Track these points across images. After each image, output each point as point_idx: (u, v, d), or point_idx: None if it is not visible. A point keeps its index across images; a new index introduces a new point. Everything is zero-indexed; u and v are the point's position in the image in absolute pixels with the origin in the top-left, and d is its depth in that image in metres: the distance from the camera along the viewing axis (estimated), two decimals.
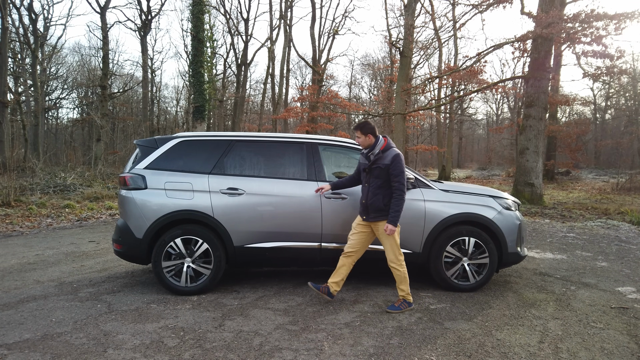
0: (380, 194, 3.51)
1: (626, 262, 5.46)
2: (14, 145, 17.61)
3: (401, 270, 3.57)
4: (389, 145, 3.58)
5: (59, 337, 2.99)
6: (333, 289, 3.67)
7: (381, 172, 3.51)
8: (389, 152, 3.52)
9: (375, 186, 3.54)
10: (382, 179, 3.51)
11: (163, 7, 37.20)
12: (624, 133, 28.75)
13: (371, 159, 3.56)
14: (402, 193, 3.45)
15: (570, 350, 2.91)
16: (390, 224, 3.46)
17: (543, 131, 11.81)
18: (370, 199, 3.55)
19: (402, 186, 3.45)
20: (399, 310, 3.55)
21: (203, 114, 15.88)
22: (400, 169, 3.47)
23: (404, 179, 3.47)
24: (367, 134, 3.58)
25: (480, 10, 12.84)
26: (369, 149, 3.59)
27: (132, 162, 4.14)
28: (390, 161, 3.47)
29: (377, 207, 3.53)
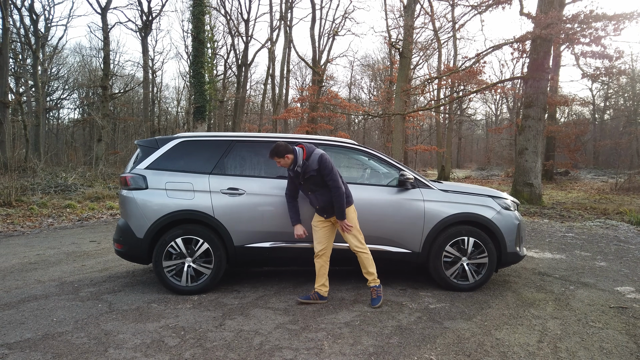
0: (326, 194, 3.59)
1: (625, 262, 5.48)
2: (15, 146, 17.63)
3: (367, 253, 3.68)
4: (309, 152, 3.59)
5: (60, 336, 3.01)
6: (323, 292, 3.74)
7: (316, 178, 3.56)
8: (312, 157, 3.55)
9: (317, 190, 3.62)
10: (320, 182, 3.57)
11: (164, 8, 37.20)
12: (623, 133, 28.79)
13: (299, 171, 3.60)
14: (339, 189, 3.52)
15: (569, 349, 2.92)
16: (339, 219, 3.58)
17: (542, 131, 11.83)
18: (321, 202, 3.64)
19: (336, 183, 3.51)
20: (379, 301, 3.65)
21: (204, 114, 15.91)
22: (328, 167, 3.50)
23: (335, 175, 3.52)
24: (284, 155, 3.55)
25: (479, 11, 12.87)
26: (293, 165, 3.60)
27: (133, 162, 4.16)
28: (317, 165, 3.51)
29: (328, 205, 3.63)
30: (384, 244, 4.06)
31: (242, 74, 27.38)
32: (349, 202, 3.66)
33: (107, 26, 19.63)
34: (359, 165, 4.78)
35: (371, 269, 3.69)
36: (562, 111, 30.76)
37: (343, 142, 4.40)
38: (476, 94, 17.07)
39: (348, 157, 4.63)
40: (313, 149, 3.61)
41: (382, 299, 3.70)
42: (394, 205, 4.08)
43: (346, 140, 4.44)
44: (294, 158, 3.58)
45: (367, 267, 3.69)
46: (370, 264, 3.69)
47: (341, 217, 3.57)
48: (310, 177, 3.56)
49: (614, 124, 32.91)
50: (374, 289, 3.71)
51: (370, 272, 3.70)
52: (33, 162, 14.53)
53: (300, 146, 3.64)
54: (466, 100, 28.32)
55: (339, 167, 4.90)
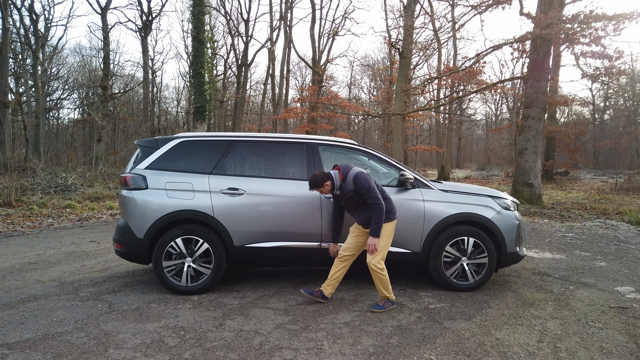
0: (368, 211, 3.57)
1: (625, 262, 5.48)
2: (15, 146, 17.63)
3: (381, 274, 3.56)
4: (344, 172, 3.60)
5: (60, 336, 3.01)
6: (327, 292, 3.72)
7: (355, 198, 3.56)
8: (348, 177, 3.55)
9: (358, 207, 3.62)
10: (360, 201, 3.57)
11: (164, 8, 37.11)
12: (623, 133, 28.80)
13: (338, 195, 3.63)
14: (379, 206, 3.47)
15: (569, 349, 2.92)
16: (372, 235, 3.50)
17: (542, 131, 11.83)
18: (363, 219, 3.64)
19: (376, 199, 3.47)
20: (382, 309, 3.58)
21: (203, 114, 15.91)
22: (365, 185, 3.47)
23: (374, 192, 3.49)
24: (323, 184, 3.58)
25: (479, 11, 12.87)
26: (332, 189, 3.63)
27: (133, 163, 4.16)
28: (353, 185, 3.51)
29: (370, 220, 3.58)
30: None
31: (242, 74, 27.38)
32: (390, 218, 3.59)
33: (107, 26, 19.62)
34: (359, 165, 4.77)
35: (384, 289, 3.59)
36: (562, 111, 30.78)
37: (343, 142, 4.40)
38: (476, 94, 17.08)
39: (348, 157, 4.63)
40: (348, 170, 3.60)
41: (385, 310, 3.58)
42: None
43: (346, 140, 4.44)
44: (332, 183, 3.61)
45: (380, 286, 3.60)
46: (383, 284, 3.58)
47: (375, 235, 3.50)
48: (349, 197, 3.57)
49: (614, 124, 32.92)
50: (386, 300, 3.63)
51: (382, 291, 3.61)
52: (33, 162, 14.53)
53: (336, 168, 3.67)
54: (466, 100, 28.32)
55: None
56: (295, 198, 4.02)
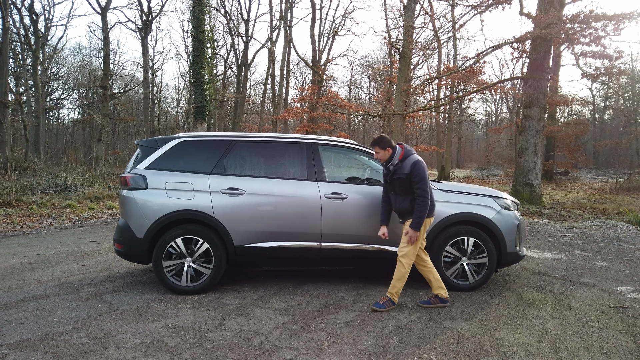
0: (407, 200, 3.57)
1: (625, 262, 5.48)
2: (15, 146, 17.62)
3: (405, 268, 3.57)
4: (406, 154, 3.60)
5: (60, 336, 3.01)
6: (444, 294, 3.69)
7: (403, 181, 3.55)
8: (408, 160, 3.55)
9: (401, 193, 3.61)
10: (406, 187, 3.56)
11: (164, 8, 37.15)
12: (623, 133, 28.80)
13: (391, 170, 3.63)
14: (425, 199, 3.47)
15: (569, 349, 2.92)
16: (413, 228, 3.48)
17: (542, 131, 11.82)
18: (399, 206, 3.64)
19: (424, 192, 3.48)
20: (382, 308, 3.56)
21: (204, 114, 15.91)
22: (420, 175, 3.48)
23: (426, 184, 3.49)
24: (385, 147, 3.62)
25: (479, 11, 12.87)
26: (388, 161, 3.64)
27: (133, 162, 4.16)
28: (410, 169, 3.51)
29: (407, 211, 3.61)
30: (384, 244, 4.06)
31: (242, 74, 27.38)
32: (430, 214, 3.61)
33: (107, 26, 19.61)
34: (359, 165, 4.78)
35: (399, 283, 3.59)
36: (562, 111, 30.77)
37: (343, 142, 4.40)
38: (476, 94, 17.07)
39: (348, 157, 4.63)
40: (411, 153, 3.62)
41: (385, 309, 3.57)
42: None
43: (346, 140, 4.44)
44: (392, 155, 3.60)
45: (397, 279, 3.59)
46: (401, 279, 3.57)
47: (416, 228, 3.48)
48: (399, 178, 3.57)
49: (614, 124, 32.91)
50: (387, 300, 3.61)
51: (395, 285, 3.59)
52: (33, 162, 14.53)
53: (401, 146, 3.67)
54: (466, 100, 28.32)
55: (338, 167, 4.92)
56: (295, 198, 4.02)
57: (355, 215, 4.05)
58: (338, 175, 4.68)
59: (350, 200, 4.05)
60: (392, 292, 3.60)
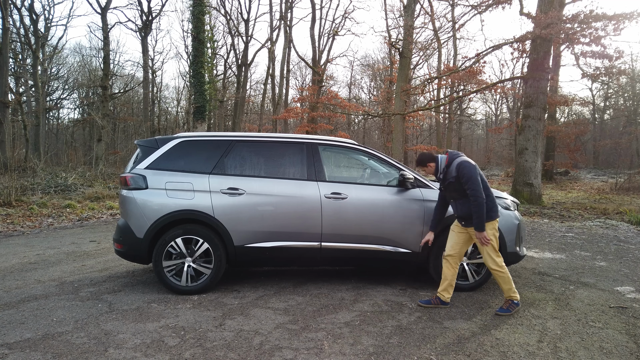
0: (467, 203, 3.53)
1: (625, 262, 5.48)
2: (15, 146, 17.62)
3: (503, 274, 3.53)
4: (451, 158, 3.61)
5: (60, 336, 3.01)
6: (446, 297, 3.70)
7: (454, 185, 3.56)
8: (453, 164, 3.56)
9: (458, 198, 3.61)
10: (459, 191, 3.55)
11: (164, 8, 37.15)
12: (623, 133, 28.80)
13: (441, 178, 3.67)
14: (478, 198, 3.41)
15: (569, 349, 2.92)
16: (477, 231, 3.46)
17: (542, 131, 11.83)
18: (460, 211, 3.62)
19: (475, 192, 3.41)
20: (508, 312, 3.51)
21: (204, 114, 15.90)
22: (467, 175, 3.43)
23: (475, 183, 3.42)
24: (425, 164, 3.68)
25: (479, 11, 12.87)
26: (436, 172, 3.68)
27: (133, 162, 4.16)
28: (456, 172, 3.50)
29: (468, 215, 3.56)
30: (384, 244, 4.06)
31: (242, 74, 27.38)
32: (491, 217, 3.51)
33: (107, 26, 19.62)
34: (359, 165, 4.78)
35: (506, 285, 3.55)
36: (562, 111, 30.76)
37: (343, 142, 4.40)
38: (476, 94, 17.08)
39: (348, 157, 4.63)
40: (456, 156, 3.60)
41: (510, 313, 3.51)
42: (394, 205, 4.09)
43: (346, 140, 4.44)
44: (436, 166, 3.64)
45: (503, 286, 3.57)
46: (505, 282, 3.54)
47: (479, 229, 3.44)
48: (450, 184, 3.57)
49: (614, 124, 32.90)
50: (511, 302, 3.58)
51: (508, 288, 3.57)
52: (33, 162, 14.53)
53: (446, 153, 3.69)
54: (466, 100, 28.32)
55: (338, 167, 4.91)
56: (295, 198, 4.02)
57: (356, 215, 4.04)
58: (338, 175, 4.69)
59: (350, 200, 4.05)
60: (510, 295, 3.57)
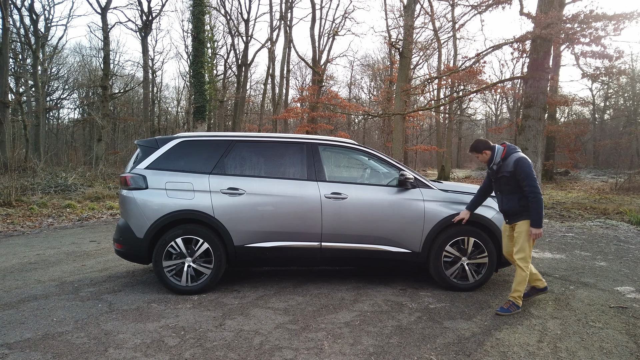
0: (515, 198, 3.55)
1: (625, 262, 5.48)
2: (15, 146, 17.62)
3: (525, 272, 3.54)
4: (508, 152, 3.60)
5: (60, 336, 3.01)
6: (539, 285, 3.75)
7: (508, 179, 3.55)
8: (510, 158, 3.55)
9: (507, 192, 3.61)
10: (512, 185, 3.55)
11: (164, 8, 37.20)
12: (623, 133, 28.80)
13: (494, 169, 3.65)
14: (537, 194, 3.42)
15: (569, 349, 2.92)
16: (534, 227, 3.46)
17: (542, 131, 11.81)
18: (506, 206, 3.62)
19: (533, 188, 3.42)
20: (508, 312, 3.52)
21: (204, 114, 15.90)
22: (526, 171, 3.44)
23: (533, 180, 3.44)
24: (482, 151, 3.68)
25: (479, 11, 12.86)
26: (490, 161, 3.67)
27: (133, 162, 4.16)
28: (513, 167, 3.49)
29: (515, 211, 3.57)
30: (384, 244, 4.06)
31: (242, 74, 27.38)
32: None
33: (107, 26, 19.62)
34: (359, 165, 4.78)
35: (519, 286, 3.56)
36: (562, 111, 30.77)
37: (343, 142, 4.40)
38: (476, 94, 17.07)
39: (348, 157, 4.63)
40: (514, 151, 3.61)
41: (511, 314, 3.52)
42: (394, 205, 4.09)
43: (346, 140, 4.44)
44: (492, 155, 3.63)
45: (516, 283, 3.58)
46: (520, 282, 3.55)
47: (537, 225, 3.44)
48: (503, 177, 3.57)
49: (614, 124, 32.91)
50: (512, 304, 3.57)
51: (517, 289, 3.57)
52: (33, 162, 14.53)
53: (503, 145, 3.68)
54: (466, 100, 28.30)
55: (338, 167, 4.92)
56: (295, 198, 4.02)
57: (356, 215, 4.04)
58: (338, 175, 4.69)
59: (350, 200, 4.04)
60: (515, 295, 3.57)
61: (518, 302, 3.58)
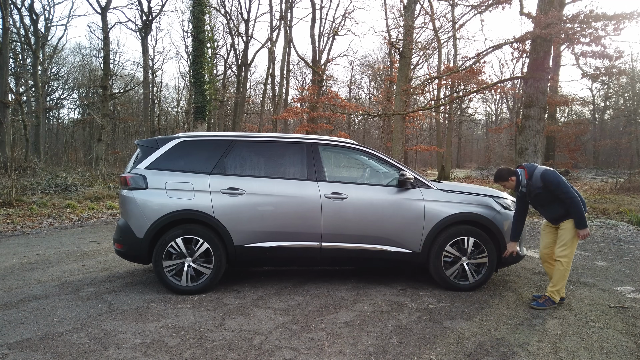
0: (557, 206, 3.68)
1: (625, 262, 5.48)
2: (15, 146, 17.62)
3: (564, 267, 3.63)
4: (530, 171, 3.72)
5: (60, 336, 3.01)
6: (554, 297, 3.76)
7: (542, 195, 3.67)
8: (535, 175, 3.67)
9: (547, 204, 3.72)
10: (549, 198, 3.67)
11: (164, 8, 37.13)
12: (623, 133, 28.82)
13: (524, 191, 3.76)
14: (574, 198, 3.53)
15: (569, 349, 2.92)
16: (579, 228, 3.58)
17: (542, 131, 11.81)
18: (552, 215, 3.74)
19: (568, 194, 3.54)
20: (543, 307, 3.64)
21: (204, 114, 15.90)
22: (555, 181, 3.57)
23: (566, 186, 3.57)
24: (507, 179, 3.79)
25: (479, 11, 12.86)
26: (517, 186, 3.77)
27: (133, 162, 4.16)
28: (542, 182, 3.62)
29: (561, 215, 3.69)
30: (384, 244, 4.06)
31: (242, 74, 27.38)
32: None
33: (107, 26, 19.62)
34: (359, 165, 4.78)
35: (558, 285, 3.66)
36: (562, 111, 30.78)
37: (343, 142, 4.40)
38: (476, 94, 17.08)
39: (348, 157, 4.64)
40: (534, 168, 3.73)
41: (546, 308, 3.64)
42: (394, 205, 4.08)
43: (346, 140, 4.44)
44: (517, 180, 3.74)
45: (555, 279, 3.67)
46: (559, 278, 3.65)
47: (582, 226, 3.56)
48: (538, 195, 3.69)
49: (614, 124, 32.91)
50: (547, 299, 3.69)
51: (554, 284, 3.67)
52: (33, 162, 14.53)
53: (521, 167, 3.81)
54: (466, 100, 28.31)
55: (338, 167, 4.92)
56: (295, 198, 4.02)
57: (356, 215, 4.04)
58: (338, 175, 4.69)
59: (350, 200, 4.05)
60: (553, 290, 3.67)
61: (555, 297, 3.69)
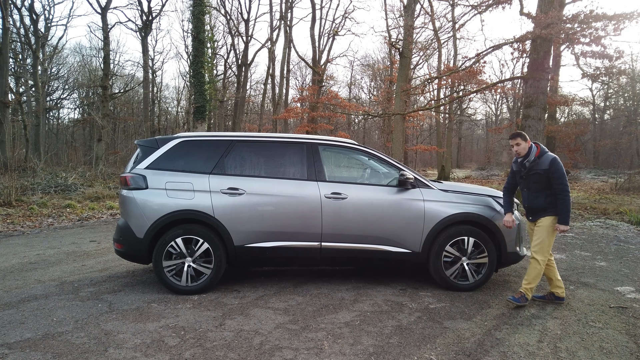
0: (542, 195, 3.67)
1: (625, 262, 5.48)
2: (15, 146, 17.63)
3: (540, 265, 3.65)
4: (543, 151, 3.72)
5: (60, 336, 3.01)
6: (559, 293, 3.82)
7: (540, 177, 3.65)
8: (545, 157, 3.67)
9: (535, 190, 3.71)
10: (542, 183, 3.66)
11: (164, 7, 37.18)
12: (623, 133, 28.81)
13: (527, 166, 3.73)
14: (568, 194, 3.58)
15: (569, 349, 2.93)
16: (562, 224, 3.61)
17: (542, 131, 11.80)
18: (532, 202, 3.74)
19: (565, 187, 3.59)
20: (517, 302, 3.65)
21: (204, 114, 15.90)
22: (560, 171, 3.60)
23: (566, 179, 3.61)
24: (526, 139, 3.78)
25: (479, 11, 12.86)
26: (525, 157, 3.75)
27: (133, 162, 4.16)
28: (548, 166, 3.62)
29: (540, 207, 3.70)
30: (384, 244, 4.06)
31: (242, 74, 27.38)
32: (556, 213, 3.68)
33: (107, 26, 19.62)
34: (359, 165, 4.78)
35: (533, 283, 3.68)
36: (562, 111, 30.77)
37: (343, 142, 4.40)
38: (476, 94, 17.08)
39: (348, 157, 4.64)
40: (547, 151, 3.75)
41: (522, 305, 3.67)
42: (394, 205, 4.09)
43: (346, 140, 4.44)
44: (529, 150, 3.72)
45: (531, 277, 3.68)
46: (535, 278, 3.67)
47: (565, 222, 3.59)
48: (535, 174, 3.67)
49: (614, 124, 32.91)
50: (522, 295, 3.69)
51: (529, 281, 3.68)
52: (33, 162, 14.53)
53: (537, 145, 3.80)
54: (466, 100, 28.32)
55: (338, 167, 4.92)
56: (295, 198, 4.02)
57: (356, 215, 4.04)
58: (338, 175, 4.69)
59: (350, 200, 4.05)
60: (527, 288, 3.69)
61: (528, 295, 3.69)
